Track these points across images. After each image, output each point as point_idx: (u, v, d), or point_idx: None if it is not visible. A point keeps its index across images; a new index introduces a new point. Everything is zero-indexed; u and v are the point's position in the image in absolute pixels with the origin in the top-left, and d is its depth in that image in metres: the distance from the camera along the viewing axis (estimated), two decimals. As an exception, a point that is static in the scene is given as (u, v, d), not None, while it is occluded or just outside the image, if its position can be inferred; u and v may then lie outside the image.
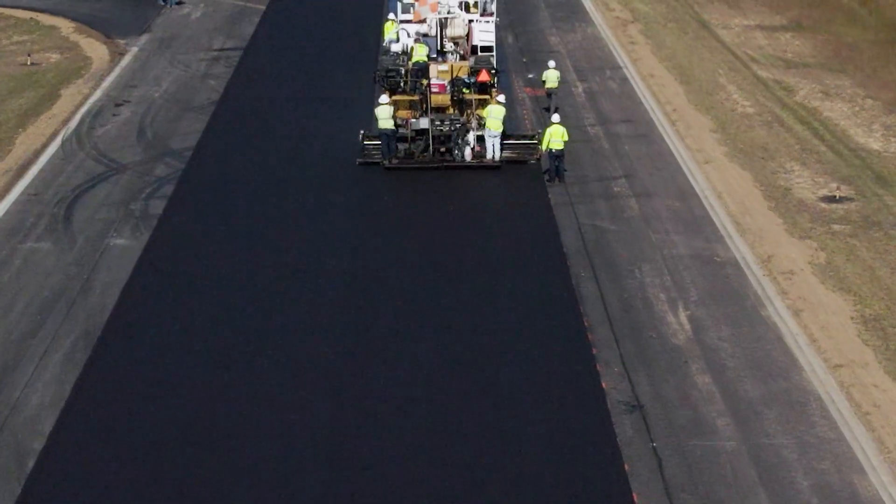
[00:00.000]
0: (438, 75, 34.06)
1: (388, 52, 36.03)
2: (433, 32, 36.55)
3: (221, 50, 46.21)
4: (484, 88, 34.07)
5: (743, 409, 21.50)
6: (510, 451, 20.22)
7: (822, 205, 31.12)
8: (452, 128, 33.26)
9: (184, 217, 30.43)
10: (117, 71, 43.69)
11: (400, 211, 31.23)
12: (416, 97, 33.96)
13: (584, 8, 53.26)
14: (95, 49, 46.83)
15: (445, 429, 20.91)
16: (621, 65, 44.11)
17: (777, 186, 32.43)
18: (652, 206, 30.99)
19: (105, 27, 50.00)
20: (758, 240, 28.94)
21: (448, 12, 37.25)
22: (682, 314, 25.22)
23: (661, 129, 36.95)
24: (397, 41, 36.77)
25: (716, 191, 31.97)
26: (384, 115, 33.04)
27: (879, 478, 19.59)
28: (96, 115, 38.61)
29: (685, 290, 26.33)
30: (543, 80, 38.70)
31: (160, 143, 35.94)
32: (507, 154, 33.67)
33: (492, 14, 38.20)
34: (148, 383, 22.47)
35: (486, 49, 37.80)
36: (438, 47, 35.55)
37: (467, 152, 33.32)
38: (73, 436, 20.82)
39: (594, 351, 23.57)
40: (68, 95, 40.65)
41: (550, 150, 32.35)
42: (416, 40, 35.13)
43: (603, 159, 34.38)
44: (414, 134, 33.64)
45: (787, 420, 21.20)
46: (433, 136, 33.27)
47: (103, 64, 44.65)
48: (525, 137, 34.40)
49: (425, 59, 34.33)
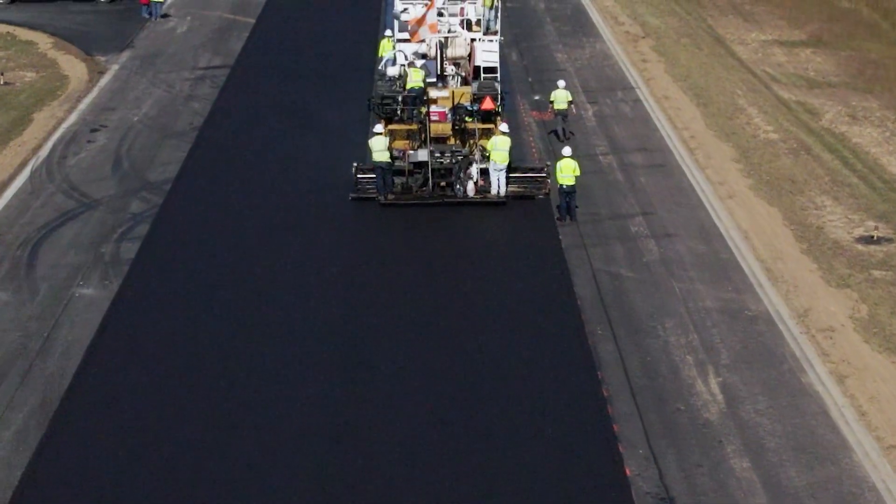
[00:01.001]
0: (438, 102, 31.31)
1: (383, 76, 33.27)
2: (433, 53, 33.81)
3: (207, 68, 43.36)
4: (488, 117, 31.35)
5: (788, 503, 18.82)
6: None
7: (860, 247, 28.37)
8: (454, 160, 30.48)
9: (157, 264, 27.61)
10: (95, 92, 40.88)
11: (396, 253, 28.38)
12: (415, 126, 31.24)
13: (592, 21, 50.42)
14: (74, 67, 44.02)
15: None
16: (633, 85, 41.32)
17: (808, 225, 29.68)
18: (673, 248, 28.23)
19: (85, 42, 47.15)
20: (792, 290, 26.18)
21: (449, 31, 34.54)
22: (713, 381, 22.47)
23: (679, 159, 34.16)
24: (394, 63, 34.00)
25: (742, 230, 29.21)
26: (379, 146, 30.27)
27: None
28: (70, 142, 35.81)
29: (715, 351, 23.57)
30: (551, 101, 35.93)
31: (137, 174, 33.15)
32: (514, 188, 30.88)
33: (495, 33, 35.41)
34: (109, 468, 19.70)
35: (490, 70, 34.97)
36: (438, 71, 32.72)
37: (470, 187, 30.52)
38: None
39: (615, 428, 20.81)
40: (41, 120, 37.85)
41: (561, 185, 29.59)
42: (409, 64, 32.31)
43: (617, 194, 31.59)
44: (412, 167, 30.83)
45: (840, 518, 18.52)
46: (433, 170, 30.46)
47: (81, 84, 41.85)
48: (533, 170, 31.51)
49: (421, 84, 31.58)
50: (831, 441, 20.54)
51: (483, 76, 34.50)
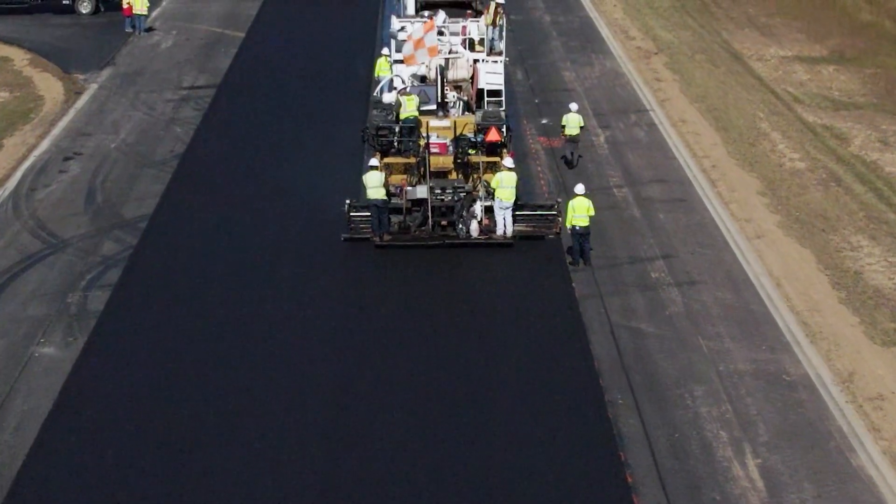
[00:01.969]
0: (438, 134, 28.61)
1: (379, 102, 30.57)
2: (433, 76, 31.14)
3: (192, 88, 40.57)
4: (493, 149, 28.68)
5: None
6: None
7: (904, 296, 25.75)
8: (456, 197, 27.76)
9: (127, 318, 24.87)
10: (71, 114, 38.11)
11: (391, 302, 25.55)
12: (413, 159, 28.56)
13: (601, 36, 47.61)
14: (50, 86, 41.25)
15: None
16: (647, 107, 38.57)
17: (845, 270, 26.99)
18: (699, 298, 25.53)
19: (64, 59, 44.33)
20: (833, 348, 23.50)
21: (450, 52, 31.88)
22: (752, 463, 19.79)
23: (700, 192, 31.43)
24: (391, 89, 31.33)
25: (773, 277, 26.51)
26: (374, 182, 27.57)
27: None
28: (40, 172, 33.07)
29: (751, 425, 20.88)
30: (563, 125, 33.25)
31: (111, 209, 30.41)
32: (521, 227, 28.15)
33: (500, 53, 32.82)
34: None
35: (495, 94, 32.43)
36: (439, 98, 30.01)
37: (473, 227, 27.80)
38: None
39: (644, 525, 18.19)
40: (11, 147, 35.09)
41: (574, 226, 26.90)
42: (401, 91, 29.60)
43: (635, 233, 28.86)
44: (410, 204, 28.15)
45: None
46: (433, 208, 27.74)
47: (56, 105, 39.10)
48: (542, 207, 28.71)
49: (416, 114, 28.91)
50: (891, 541, 17.94)
51: (487, 100, 31.98)
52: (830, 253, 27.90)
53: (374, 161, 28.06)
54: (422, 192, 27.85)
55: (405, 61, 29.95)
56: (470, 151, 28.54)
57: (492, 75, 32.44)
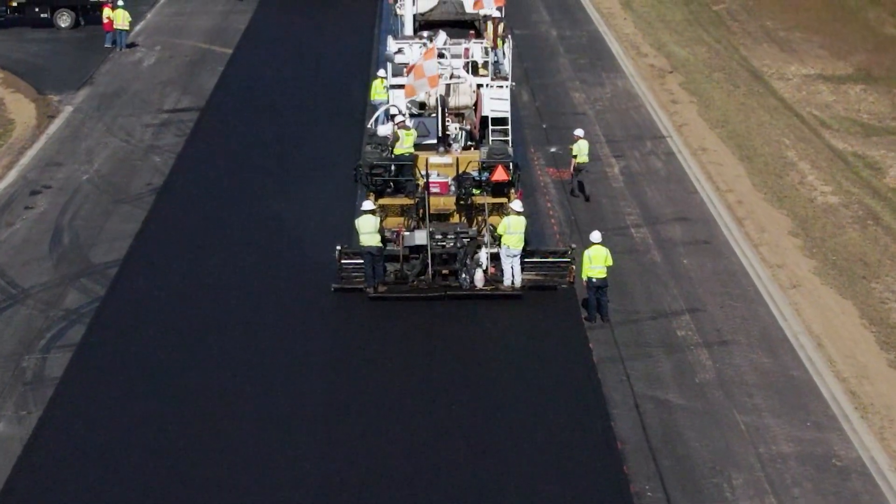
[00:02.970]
0: (439, 172, 25.84)
1: (373, 136, 27.75)
2: (433, 103, 28.31)
3: (174, 111, 37.74)
4: (500, 189, 25.89)
5: None
6: None
7: (961, 358, 22.98)
8: (458, 243, 25.00)
9: (89, 385, 22.04)
10: (42, 140, 35.31)
11: (386, 362, 22.74)
12: (411, 200, 25.78)
13: (611, 52, 44.80)
14: (22, 109, 38.46)
15: None
16: (664, 133, 35.77)
17: (893, 326, 24.23)
18: (731, 362, 22.75)
19: (39, 77, 41.56)
20: (887, 425, 20.74)
21: (451, 76, 29.04)
22: (805, 574, 17.05)
23: (726, 232, 28.64)
24: (387, 119, 28.54)
25: (814, 335, 23.74)
26: (368, 227, 24.78)
27: None
28: (4, 208, 30.27)
29: (801, 524, 18.16)
30: (574, 155, 30.52)
31: (78, 253, 27.61)
32: (531, 276, 25.39)
33: (506, 77, 29.98)
34: None
35: (500, 122, 29.66)
36: (439, 130, 27.15)
37: (478, 276, 24.99)
38: None
39: None
40: (-26, 178, 32.41)
41: (590, 279, 24.12)
42: (397, 125, 26.80)
43: (656, 282, 26.07)
44: (407, 251, 25.36)
45: None
46: (433, 255, 24.98)
47: (27, 130, 36.31)
48: (555, 254, 25.86)
49: (412, 150, 26.14)
50: None
51: (491, 128, 29.22)
52: (874, 305, 25.15)
53: (367, 204, 25.25)
54: (420, 237, 25.09)
55: (405, 93, 27.12)
56: (474, 192, 25.77)
57: (497, 101, 29.69)
